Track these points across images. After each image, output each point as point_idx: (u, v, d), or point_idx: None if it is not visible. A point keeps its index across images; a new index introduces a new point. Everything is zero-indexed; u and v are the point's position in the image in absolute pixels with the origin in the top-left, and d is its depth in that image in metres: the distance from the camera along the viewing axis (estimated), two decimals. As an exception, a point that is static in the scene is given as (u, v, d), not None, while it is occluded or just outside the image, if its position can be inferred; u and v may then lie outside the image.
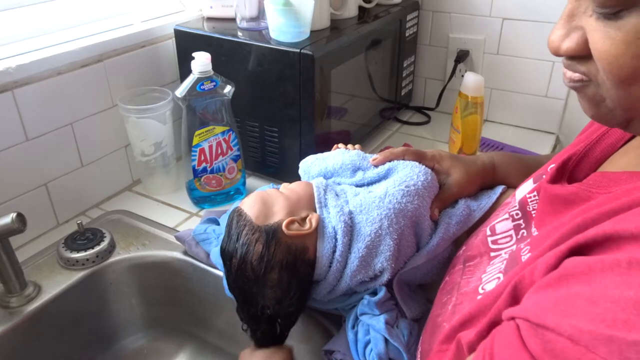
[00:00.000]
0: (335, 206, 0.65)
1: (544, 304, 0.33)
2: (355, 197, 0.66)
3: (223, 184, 0.92)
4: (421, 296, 0.69)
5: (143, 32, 0.95)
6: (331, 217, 0.64)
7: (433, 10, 1.27)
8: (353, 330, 0.63)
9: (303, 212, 0.65)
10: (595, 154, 0.52)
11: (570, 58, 0.41)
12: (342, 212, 0.64)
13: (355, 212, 0.64)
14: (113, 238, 0.82)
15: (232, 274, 0.63)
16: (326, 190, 0.68)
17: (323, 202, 0.66)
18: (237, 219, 0.64)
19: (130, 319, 0.85)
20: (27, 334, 0.71)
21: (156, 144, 0.92)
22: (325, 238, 0.63)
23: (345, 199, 0.67)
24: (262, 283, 0.61)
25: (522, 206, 0.55)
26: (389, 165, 0.71)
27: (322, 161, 0.76)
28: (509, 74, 1.23)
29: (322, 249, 0.63)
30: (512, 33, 1.19)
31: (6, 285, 0.71)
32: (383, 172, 0.70)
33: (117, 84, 0.92)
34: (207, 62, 0.84)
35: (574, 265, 0.34)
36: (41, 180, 0.84)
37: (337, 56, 0.93)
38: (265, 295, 0.62)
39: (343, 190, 0.69)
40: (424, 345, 0.53)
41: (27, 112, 0.79)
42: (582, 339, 0.29)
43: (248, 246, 0.61)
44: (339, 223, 0.63)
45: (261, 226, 0.62)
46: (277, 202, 0.65)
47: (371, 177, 0.71)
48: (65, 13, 0.91)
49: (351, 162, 0.73)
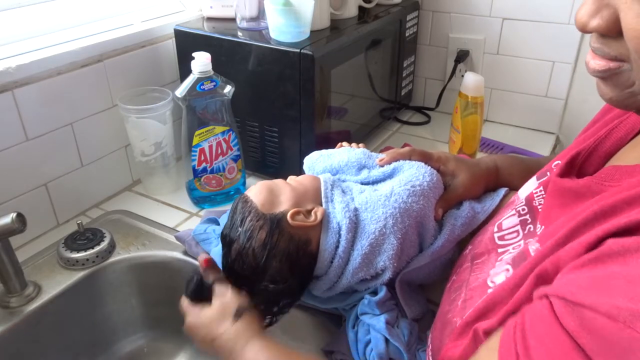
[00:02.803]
0: (342, 202, 0.65)
1: (580, 283, 0.34)
2: (360, 195, 0.66)
3: (223, 184, 0.92)
4: (422, 296, 0.69)
5: (143, 32, 0.95)
6: (336, 212, 0.64)
7: (433, 10, 1.27)
8: (353, 330, 0.63)
9: (309, 204, 0.65)
10: (604, 148, 0.52)
11: (600, 38, 0.40)
12: (347, 209, 0.64)
13: (361, 209, 0.64)
14: (113, 238, 0.82)
15: (231, 259, 0.62)
16: (333, 185, 0.68)
17: (329, 197, 0.66)
18: (242, 205, 0.64)
19: (130, 319, 0.85)
20: (27, 334, 0.71)
21: (156, 144, 0.92)
22: (329, 232, 0.63)
23: (351, 195, 0.67)
24: (261, 271, 0.61)
25: (529, 202, 0.56)
26: (394, 164, 0.71)
27: (328, 158, 0.76)
28: (509, 74, 1.23)
29: (325, 243, 0.63)
30: (512, 33, 1.19)
31: (6, 285, 0.71)
32: (389, 171, 0.70)
33: (117, 84, 0.92)
34: (207, 62, 0.84)
35: (609, 247, 0.35)
36: (41, 180, 0.84)
37: (337, 56, 0.93)
38: (262, 284, 0.61)
39: (349, 187, 0.69)
40: (434, 342, 0.54)
41: (27, 112, 0.79)
42: (620, 315, 0.30)
43: (252, 232, 0.61)
44: (344, 219, 0.63)
45: (266, 214, 0.62)
46: (284, 192, 0.65)
47: (377, 175, 0.71)
48: (65, 13, 0.91)
49: (357, 160, 0.73)
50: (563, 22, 1.11)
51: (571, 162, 0.52)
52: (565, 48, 1.14)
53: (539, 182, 0.57)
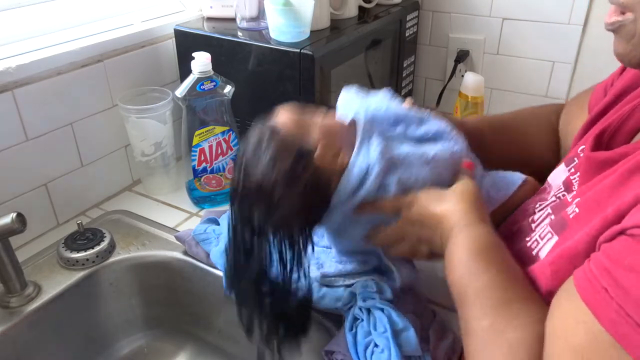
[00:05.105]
0: (378, 145, 0.61)
1: None
2: (399, 146, 0.62)
3: (223, 184, 0.92)
4: (411, 264, 0.69)
5: (143, 32, 0.95)
6: (370, 156, 0.60)
7: (433, 10, 1.27)
8: (351, 332, 0.63)
9: (339, 146, 0.61)
10: (629, 125, 0.52)
11: None
12: (381, 156, 0.60)
13: (395, 162, 0.61)
14: (113, 238, 0.82)
15: (243, 183, 0.59)
16: (371, 129, 0.63)
17: (365, 141, 0.62)
18: (270, 132, 0.60)
19: (130, 319, 0.85)
20: (27, 334, 0.71)
21: (156, 144, 0.92)
22: (354, 175, 0.60)
23: (387, 144, 0.62)
24: (273, 201, 0.57)
25: (568, 186, 0.56)
26: (438, 127, 0.66)
27: (366, 99, 0.68)
28: (509, 74, 1.23)
29: (347, 184, 0.60)
30: (512, 33, 1.19)
31: (6, 285, 0.71)
32: (430, 133, 0.65)
33: (117, 84, 0.92)
34: (207, 62, 0.84)
35: None
36: (41, 180, 0.84)
37: (337, 56, 0.93)
38: (271, 215, 0.58)
39: (388, 136, 0.64)
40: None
41: (27, 112, 0.79)
42: None
43: (275, 160, 0.58)
44: (376, 164, 0.59)
45: (294, 145, 0.59)
46: (315, 128, 0.62)
47: (417, 134, 0.65)
48: (65, 13, 0.91)
49: (399, 111, 0.66)
50: (563, 22, 1.11)
51: (599, 140, 0.53)
52: (565, 48, 1.14)
53: (569, 167, 0.57)
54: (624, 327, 0.34)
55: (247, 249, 0.60)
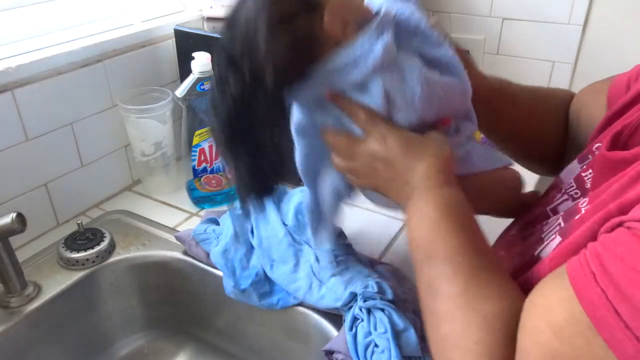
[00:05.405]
0: (385, 39, 0.52)
1: None
2: (405, 57, 0.54)
3: (223, 184, 0.92)
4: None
5: (143, 32, 0.95)
6: (373, 47, 0.52)
7: (433, 10, 1.27)
8: (351, 332, 0.63)
9: (350, 20, 0.53)
10: None
11: None
12: (383, 51, 0.51)
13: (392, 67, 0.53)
14: (113, 238, 0.82)
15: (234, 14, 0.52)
16: (388, 24, 0.54)
17: (377, 30, 0.52)
18: None
19: (130, 319, 0.85)
20: (27, 334, 0.71)
21: (156, 144, 0.92)
22: (346, 54, 0.52)
23: (396, 44, 0.53)
24: (266, 51, 0.50)
25: (580, 183, 0.55)
26: (451, 60, 0.57)
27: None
28: (509, 74, 1.22)
29: (335, 60, 0.52)
30: (512, 33, 1.19)
31: (6, 285, 0.71)
32: (442, 61, 0.57)
33: (117, 84, 0.92)
34: (207, 62, 0.84)
35: None
36: (41, 180, 0.84)
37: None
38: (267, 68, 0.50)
39: (400, 42, 0.54)
40: None
41: (27, 112, 0.79)
42: None
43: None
44: (370, 57, 0.51)
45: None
46: None
47: (430, 54, 0.56)
48: (65, 13, 0.91)
49: (422, 25, 0.56)
50: (563, 22, 1.11)
51: (616, 139, 0.52)
52: (565, 48, 1.14)
53: (581, 164, 0.56)
54: (602, 310, 0.34)
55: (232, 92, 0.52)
